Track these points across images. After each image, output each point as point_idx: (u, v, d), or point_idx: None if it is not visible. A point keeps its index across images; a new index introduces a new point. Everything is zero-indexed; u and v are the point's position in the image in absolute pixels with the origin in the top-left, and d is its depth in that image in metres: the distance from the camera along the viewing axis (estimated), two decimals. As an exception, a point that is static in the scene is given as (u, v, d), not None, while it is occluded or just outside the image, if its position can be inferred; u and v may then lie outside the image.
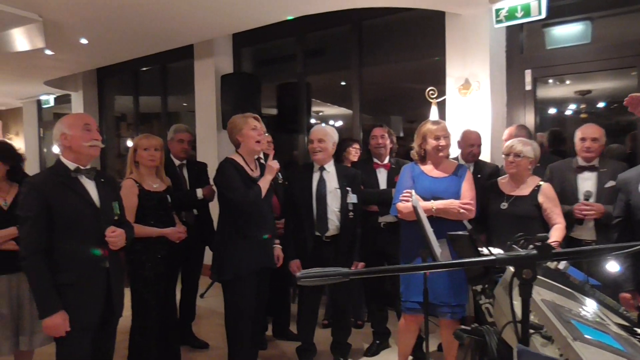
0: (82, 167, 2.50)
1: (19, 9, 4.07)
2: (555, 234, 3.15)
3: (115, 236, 2.50)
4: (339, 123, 7.88)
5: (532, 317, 1.12)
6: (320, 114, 8.55)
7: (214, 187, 4.18)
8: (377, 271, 1.41)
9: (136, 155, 3.28)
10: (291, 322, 4.35)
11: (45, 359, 3.81)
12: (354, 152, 4.41)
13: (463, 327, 1.43)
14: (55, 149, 2.64)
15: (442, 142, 3.21)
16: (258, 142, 3.23)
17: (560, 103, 5.63)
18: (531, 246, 1.06)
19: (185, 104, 8.27)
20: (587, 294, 1.51)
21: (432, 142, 3.22)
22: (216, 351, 4.12)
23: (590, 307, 1.32)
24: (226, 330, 3.29)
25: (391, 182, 3.83)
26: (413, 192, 2.97)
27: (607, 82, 5.33)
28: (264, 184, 3.18)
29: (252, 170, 3.25)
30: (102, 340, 2.60)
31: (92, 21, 4.77)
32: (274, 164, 3.25)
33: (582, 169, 3.38)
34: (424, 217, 2.62)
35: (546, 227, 3.28)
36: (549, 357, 0.94)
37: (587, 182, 3.35)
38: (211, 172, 4.49)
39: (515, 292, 1.20)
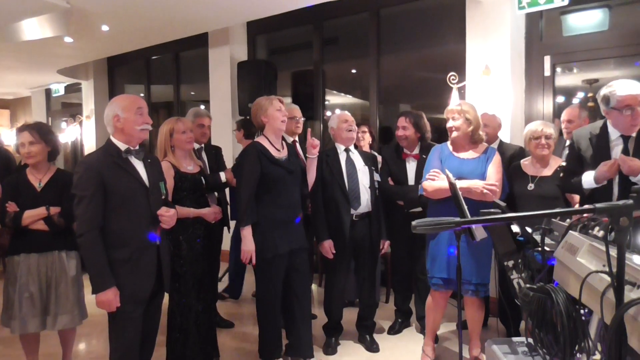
0: (132, 148, 2.58)
1: (48, -5, 4.11)
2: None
3: (169, 215, 2.60)
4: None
5: (604, 267, 1.22)
6: (326, 102, 8.62)
7: None
8: (490, 219, 1.50)
9: (172, 139, 3.34)
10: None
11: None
12: (360, 136, 4.44)
13: (529, 285, 1.53)
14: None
15: (450, 124, 3.29)
16: (283, 122, 3.28)
17: (570, 91, 5.72)
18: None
19: (193, 93, 8.32)
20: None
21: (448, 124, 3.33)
22: (241, 329, 4.26)
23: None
24: (257, 312, 3.32)
25: (420, 174, 3.82)
26: (447, 170, 3.05)
27: (615, 71, 5.41)
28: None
29: (277, 150, 3.27)
30: (150, 314, 2.69)
31: (115, 7, 4.81)
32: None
33: None
34: (459, 193, 2.72)
35: (569, 205, 3.41)
36: None
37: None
38: (227, 158, 4.61)
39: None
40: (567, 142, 3.98)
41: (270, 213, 3.17)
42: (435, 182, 3.21)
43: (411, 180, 3.89)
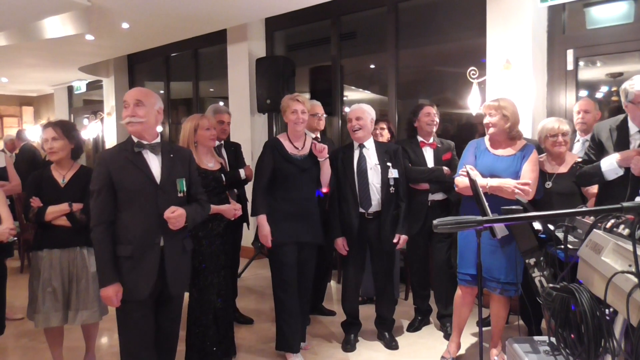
0: (144, 142, 2.50)
1: (69, -6, 4.16)
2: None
3: (174, 217, 2.44)
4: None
5: (630, 267, 1.20)
6: (345, 98, 8.58)
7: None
8: (512, 219, 1.48)
9: (196, 135, 3.34)
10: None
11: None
12: (379, 132, 4.42)
13: (552, 284, 1.51)
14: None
15: (487, 120, 3.22)
16: (296, 124, 3.40)
17: (593, 85, 5.59)
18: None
19: (212, 89, 8.35)
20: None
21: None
22: (260, 325, 4.27)
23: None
24: (274, 301, 3.42)
25: (438, 160, 3.90)
26: (470, 167, 2.99)
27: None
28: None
29: (296, 148, 3.42)
30: (165, 315, 2.64)
31: (135, 5, 4.85)
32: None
33: None
34: (481, 192, 2.69)
35: (585, 201, 3.36)
36: None
37: None
38: (245, 155, 4.63)
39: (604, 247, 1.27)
40: (577, 137, 3.93)
41: (280, 207, 3.37)
42: (467, 178, 3.16)
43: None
